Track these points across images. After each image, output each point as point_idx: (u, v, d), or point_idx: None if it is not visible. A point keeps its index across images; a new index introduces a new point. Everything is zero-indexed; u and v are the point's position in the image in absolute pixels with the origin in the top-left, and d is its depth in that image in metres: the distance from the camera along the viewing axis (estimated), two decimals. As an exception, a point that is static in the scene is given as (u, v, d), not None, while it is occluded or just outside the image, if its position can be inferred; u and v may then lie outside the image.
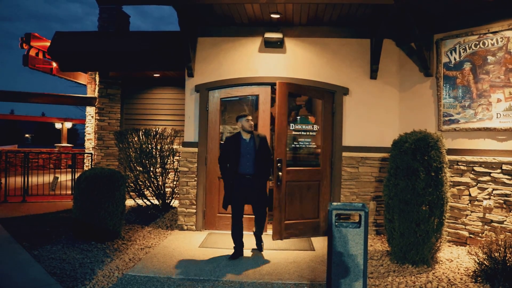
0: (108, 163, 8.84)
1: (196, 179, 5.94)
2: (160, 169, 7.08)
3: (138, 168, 6.97)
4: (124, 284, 3.71)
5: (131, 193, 7.18)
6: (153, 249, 4.92)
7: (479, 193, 4.90)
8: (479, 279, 3.79)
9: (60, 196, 8.58)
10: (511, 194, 4.59)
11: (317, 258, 4.67)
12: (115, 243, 5.02)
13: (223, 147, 4.97)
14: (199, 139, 5.98)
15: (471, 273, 3.96)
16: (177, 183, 6.98)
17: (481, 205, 4.86)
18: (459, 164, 5.10)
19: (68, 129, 19.03)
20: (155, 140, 7.00)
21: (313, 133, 5.95)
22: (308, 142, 5.97)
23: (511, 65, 4.70)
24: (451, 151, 5.04)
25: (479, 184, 4.91)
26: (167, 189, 7.33)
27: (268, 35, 5.75)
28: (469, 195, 5.01)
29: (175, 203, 7.43)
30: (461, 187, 5.08)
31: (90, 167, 9.52)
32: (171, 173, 7.37)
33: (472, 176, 4.98)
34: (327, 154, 5.88)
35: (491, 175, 4.78)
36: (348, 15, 5.49)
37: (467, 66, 5.10)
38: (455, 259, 4.48)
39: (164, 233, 5.71)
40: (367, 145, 5.83)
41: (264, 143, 4.78)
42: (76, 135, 46.28)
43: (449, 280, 3.84)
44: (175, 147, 7.29)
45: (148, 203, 7.22)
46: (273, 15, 5.52)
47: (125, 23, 10.68)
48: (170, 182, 7.43)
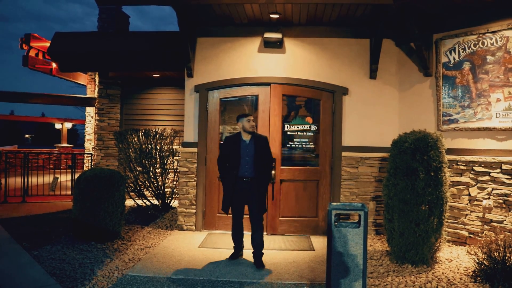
0: (108, 164, 8.85)
1: (195, 179, 5.95)
2: (159, 169, 7.09)
3: (138, 168, 6.98)
4: (123, 284, 3.71)
5: (131, 193, 7.18)
6: (152, 249, 4.93)
7: (479, 193, 4.90)
8: (479, 279, 3.80)
9: (60, 196, 8.58)
10: (510, 193, 4.59)
11: (317, 258, 4.67)
12: (115, 243, 5.02)
13: (222, 147, 4.81)
14: (198, 139, 5.98)
15: (471, 273, 3.96)
16: (177, 183, 6.98)
17: (481, 205, 4.86)
18: (459, 164, 5.10)
19: (68, 130, 19.02)
20: (155, 140, 7.01)
21: (312, 133, 5.97)
22: (307, 141, 6.00)
23: (510, 64, 4.71)
24: (450, 151, 5.04)
25: (478, 183, 4.92)
26: (166, 189, 7.33)
27: (267, 35, 5.75)
28: (469, 194, 5.01)
29: (175, 203, 7.43)
30: (461, 187, 5.08)
31: (90, 168, 9.53)
32: (171, 173, 7.38)
33: (471, 175, 4.99)
34: (327, 154, 5.89)
35: (491, 174, 4.78)
36: (347, 15, 5.49)
37: (467, 65, 5.11)
38: (455, 259, 4.49)
39: (163, 233, 5.71)
40: (367, 145, 5.83)
41: (265, 144, 4.58)
42: (76, 136, 46.29)
43: (449, 280, 3.85)
44: (174, 147, 7.29)
45: (148, 203, 7.22)
46: (272, 15, 5.52)
47: (125, 24, 10.69)
48: (170, 182, 7.44)
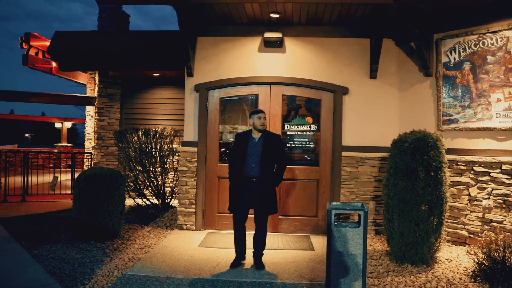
0: (107, 163, 8.85)
1: (195, 178, 5.94)
2: (159, 168, 7.08)
3: (137, 167, 6.97)
4: (123, 283, 3.71)
5: (131, 193, 7.18)
6: (152, 248, 4.92)
7: (479, 193, 4.90)
8: (478, 279, 3.80)
9: (59, 195, 8.58)
10: (510, 194, 4.59)
11: (317, 257, 4.67)
12: (115, 243, 5.02)
13: (233, 144, 4.60)
14: (198, 138, 5.98)
15: (470, 273, 3.96)
16: (177, 182, 6.98)
17: (481, 205, 4.86)
18: (459, 163, 5.10)
19: (67, 129, 19.00)
20: (155, 139, 7.00)
21: (312, 133, 5.98)
22: (306, 141, 6.01)
23: (510, 64, 4.70)
24: (450, 151, 5.04)
25: (478, 184, 4.91)
26: (166, 189, 7.33)
27: (267, 34, 5.75)
28: (469, 194, 5.01)
29: (175, 202, 7.43)
30: (461, 187, 5.08)
31: (89, 167, 9.52)
32: (170, 173, 7.38)
33: (471, 176, 4.98)
34: (327, 153, 5.89)
35: (491, 174, 4.78)
36: (347, 15, 5.49)
37: (467, 65, 5.10)
38: (455, 259, 4.49)
39: (163, 233, 5.71)
40: (367, 144, 5.83)
41: (276, 143, 4.35)
42: (76, 135, 46.27)
43: (448, 279, 3.85)
44: (174, 146, 7.29)
45: (147, 202, 7.22)
46: (272, 15, 5.52)
47: (125, 23, 10.69)
48: (169, 181, 7.44)
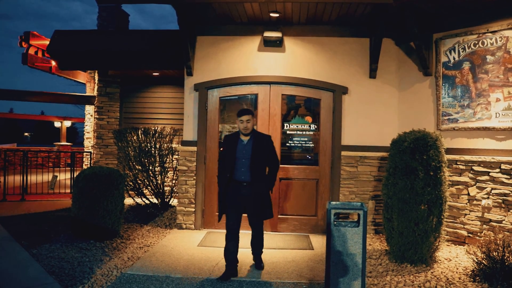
0: (107, 162, 8.85)
1: (195, 178, 5.94)
2: (159, 168, 7.08)
3: (137, 167, 6.97)
4: (122, 283, 3.71)
5: (130, 192, 7.18)
6: (152, 248, 4.92)
7: (478, 193, 4.90)
8: (478, 278, 3.80)
9: (59, 194, 8.57)
10: (509, 193, 4.60)
11: (316, 257, 4.67)
12: (114, 242, 5.02)
13: (222, 147, 4.37)
14: (198, 138, 5.97)
15: (470, 273, 3.96)
16: (176, 182, 6.98)
17: (480, 205, 4.86)
18: (458, 163, 5.11)
19: (67, 128, 18.98)
20: (154, 139, 7.00)
21: (311, 132, 5.98)
22: (306, 141, 6.01)
23: (510, 64, 4.70)
24: (450, 151, 5.04)
25: (478, 183, 4.92)
26: (166, 188, 7.33)
27: (267, 34, 5.74)
28: (468, 194, 5.01)
29: (174, 202, 7.43)
30: (460, 187, 5.09)
31: (89, 166, 9.52)
32: (170, 172, 7.37)
33: (471, 175, 4.99)
34: (326, 153, 5.89)
35: (490, 174, 4.78)
36: (347, 14, 5.49)
37: (466, 65, 5.10)
38: (454, 259, 4.49)
39: (163, 232, 5.71)
40: (366, 144, 5.83)
41: (267, 145, 4.16)
42: (75, 134, 46.18)
43: (448, 279, 3.85)
44: (174, 146, 7.29)
45: (147, 202, 7.22)
46: (272, 14, 5.51)
47: (125, 22, 10.70)
48: (169, 181, 7.44)
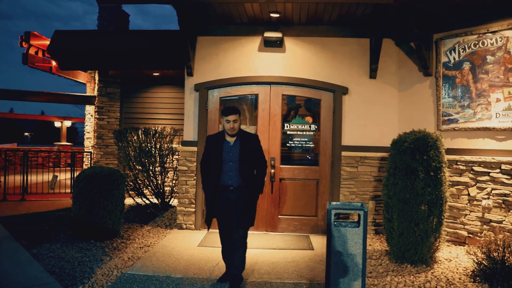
0: (107, 162, 8.85)
1: (195, 178, 5.94)
2: (159, 168, 7.08)
3: (137, 167, 6.97)
4: (123, 283, 3.71)
5: (130, 192, 7.18)
6: (152, 248, 4.92)
7: (478, 193, 4.90)
8: (478, 278, 3.80)
9: (59, 194, 8.58)
10: (510, 193, 4.60)
11: (316, 257, 4.67)
12: (114, 242, 5.02)
13: (205, 149, 3.90)
14: (198, 138, 5.97)
15: (470, 273, 3.96)
16: (177, 182, 6.98)
17: (480, 205, 4.86)
18: (458, 163, 5.10)
19: (67, 128, 18.98)
20: (155, 139, 7.00)
21: (311, 132, 5.98)
22: (306, 141, 6.01)
23: (510, 64, 4.70)
24: (450, 151, 5.04)
25: (478, 183, 4.92)
26: (166, 188, 7.33)
27: (267, 34, 5.74)
28: (468, 194, 5.01)
29: (174, 202, 7.43)
30: (460, 187, 5.09)
31: (89, 166, 9.52)
32: (170, 172, 7.37)
33: (471, 175, 4.99)
34: (326, 153, 5.89)
35: (490, 174, 4.78)
36: (347, 15, 5.49)
37: (467, 65, 5.10)
38: (454, 259, 4.49)
39: (163, 232, 5.71)
40: (366, 144, 5.83)
41: (254, 145, 3.79)
42: (75, 134, 46.20)
43: (448, 279, 3.85)
44: (174, 146, 7.29)
45: (147, 202, 7.22)
46: (272, 14, 5.51)
47: (125, 22, 10.69)
48: (169, 181, 7.44)
